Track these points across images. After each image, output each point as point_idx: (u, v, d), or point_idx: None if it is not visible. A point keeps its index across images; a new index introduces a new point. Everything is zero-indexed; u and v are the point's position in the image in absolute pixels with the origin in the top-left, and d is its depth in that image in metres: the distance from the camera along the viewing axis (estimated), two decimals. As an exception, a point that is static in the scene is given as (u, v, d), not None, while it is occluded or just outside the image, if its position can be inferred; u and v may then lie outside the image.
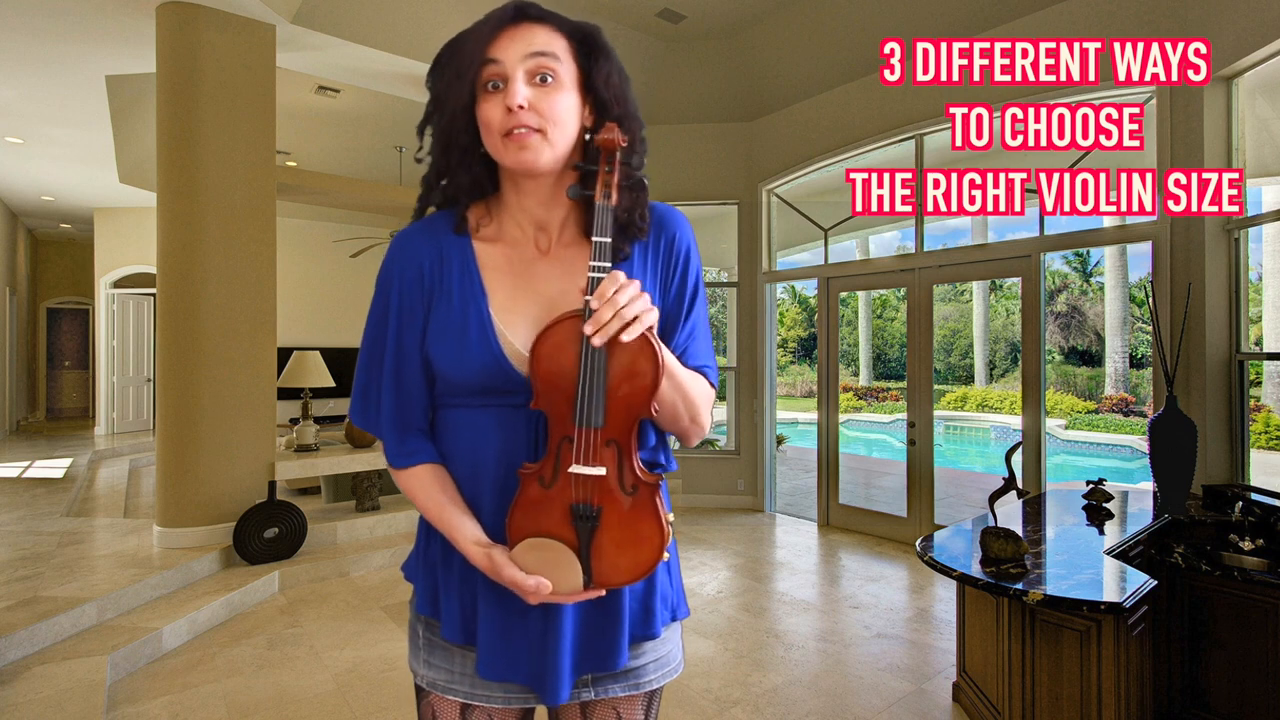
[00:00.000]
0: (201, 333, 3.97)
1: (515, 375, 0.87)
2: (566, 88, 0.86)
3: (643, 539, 0.82)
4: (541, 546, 0.81)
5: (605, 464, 0.81)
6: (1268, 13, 2.96)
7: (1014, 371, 19.79)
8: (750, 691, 2.76)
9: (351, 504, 4.96)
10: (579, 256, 0.93)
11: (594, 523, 0.81)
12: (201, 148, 3.98)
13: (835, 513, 5.45)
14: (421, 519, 0.96)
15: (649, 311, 0.79)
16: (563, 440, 0.82)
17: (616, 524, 0.82)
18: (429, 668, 0.94)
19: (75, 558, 3.72)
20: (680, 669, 1.00)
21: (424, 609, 0.94)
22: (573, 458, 0.81)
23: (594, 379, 0.80)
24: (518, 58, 0.84)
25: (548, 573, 0.81)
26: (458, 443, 0.91)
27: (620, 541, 0.82)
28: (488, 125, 0.86)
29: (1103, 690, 1.94)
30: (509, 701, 0.92)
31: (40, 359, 11.67)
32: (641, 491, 0.83)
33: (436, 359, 0.89)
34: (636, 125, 0.92)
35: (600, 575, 0.82)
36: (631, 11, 5.16)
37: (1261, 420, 9.84)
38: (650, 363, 0.81)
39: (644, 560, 0.82)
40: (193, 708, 2.59)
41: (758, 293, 6.04)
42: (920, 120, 4.72)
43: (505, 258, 0.93)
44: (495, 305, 0.90)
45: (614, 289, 0.77)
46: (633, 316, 0.77)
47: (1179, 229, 3.46)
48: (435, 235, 0.94)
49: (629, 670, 0.93)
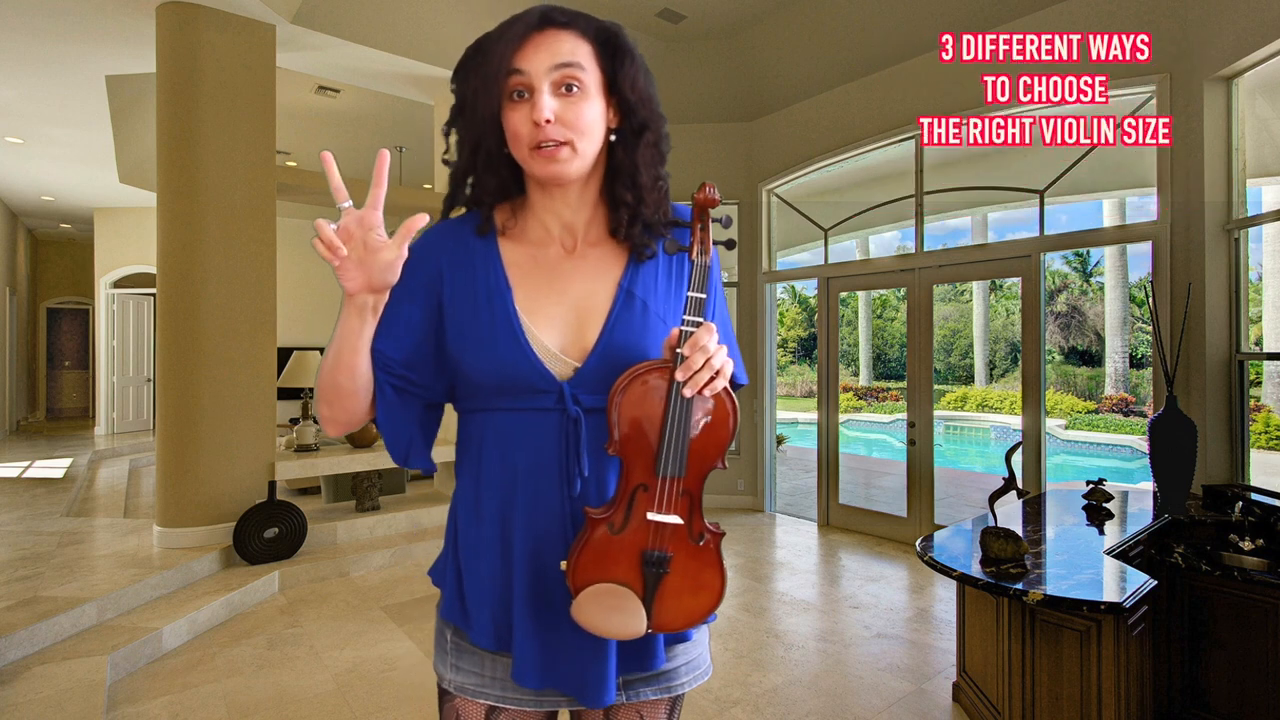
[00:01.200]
0: (201, 333, 3.97)
1: (544, 371, 0.86)
2: (592, 96, 0.86)
3: (705, 586, 0.84)
4: (609, 593, 0.81)
5: (681, 514, 0.83)
6: (1268, 13, 2.96)
7: (1014, 371, 19.78)
8: (750, 691, 2.76)
9: (351, 504, 4.96)
10: (604, 257, 0.93)
11: (663, 570, 0.82)
12: (201, 148, 3.98)
13: (835, 513, 5.45)
14: (449, 524, 0.95)
15: (729, 364, 0.81)
16: (637, 488, 0.83)
17: (683, 572, 0.83)
18: (457, 672, 0.92)
19: (75, 558, 3.72)
20: (710, 672, 0.99)
21: (452, 616, 0.92)
22: (651, 505, 0.82)
23: (680, 429, 0.81)
24: (544, 69, 0.83)
25: (612, 617, 0.81)
26: (489, 446, 0.89)
27: (683, 589, 0.83)
28: (515, 136, 0.85)
29: (1103, 690, 1.94)
30: (541, 705, 0.90)
31: (40, 359, 11.67)
32: (709, 541, 0.85)
33: (462, 357, 0.88)
34: (660, 123, 0.93)
35: (660, 620, 0.83)
36: (631, 11, 5.16)
37: (1261, 420, 9.84)
38: (729, 415, 0.84)
39: (703, 607, 0.84)
40: (193, 708, 2.59)
41: (758, 293, 6.04)
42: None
43: (531, 257, 0.93)
44: (521, 303, 0.89)
45: (708, 339, 0.79)
46: (718, 369, 0.79)
47: (1179, 229, 3.46)
48: (459, 235, 0.93)
49: (663, 673, 0.93)
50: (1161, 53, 3.54)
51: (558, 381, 0.86)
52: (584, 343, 0.89)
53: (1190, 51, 3.41)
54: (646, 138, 0.91)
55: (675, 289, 0.94)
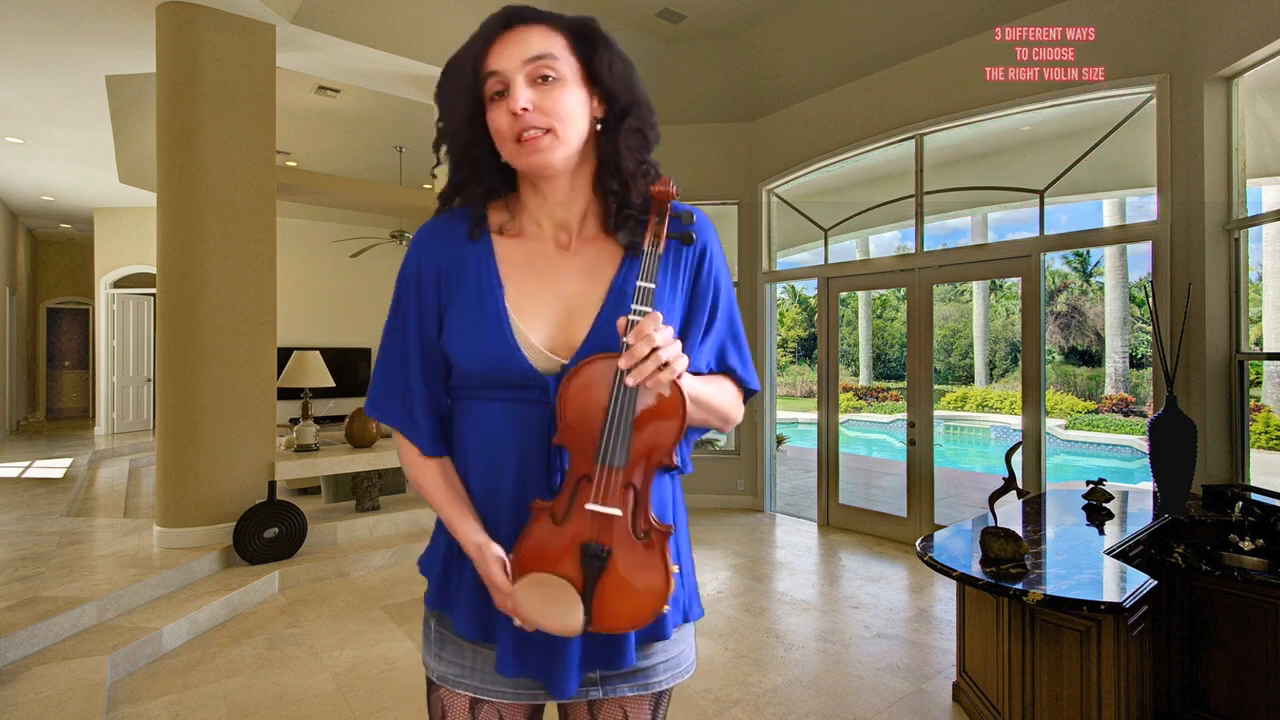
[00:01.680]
0: (201, 333, 3.97)
1: (529, 369, 0.87)
2: (570, 83, 0.87)
3: (647, 588, 0.82)
4: (545, 582, 0.80)
5: (621, 507, 0.82)
6: (1268, 13, 2.96)
7: (1014, 371, 19.78)
8: (750, 691, 2.75)
9: (351, 504, 4.96)
10: (599, 254, 0.94)
11: (602, 564, 0.81)
12: (201, 148, 3.98)
13: (835, 513, 5.45)
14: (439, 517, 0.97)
15: (681, 359, 0.79)
16: (581, 479, 0.83)
17: (624, 568, 0.81)
18: (440, 662, 0.95)
19: (75, 558, 3.72)
20: (692, 670, 0.99)
21: (437, 604, 0.95)
22: (591, 496, 0.81)
23: (621, 418, 0.80)
24: (516, 64, 0.85)
25: (548, 609, 0.80)
26: (474, 431, 0.91)
27: (624, 588, 0.82)
28: (500, 133, 0.87)
29: (1103, 690, 1.94)
30: (519, 697, 0.92)
31: (40, 359, 11.66)
32: (653, 539, 0.83)
33: (452, 350, 0.90)
34: (647, 113, 0.93)
35: (599, 618, 0.81)
36: (631, 11, 5.16)
37: (1261, 420, 9.84)
38: (676, 410, 0.82)
39: (645, 609, 0.82)
40: (193, 708, 2.59)
41: (758, 293, 6.04)
42: (920, 120, 4.72)
43: (525, 254, 0.94)
44: (512, 300, 0.90)
45: (653, 328, 0.77)
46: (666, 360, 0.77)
47: (1179, 229, 3.46)
48: (456, 232, 0.95)
49: (639, 670, 0.93)
50: (1161, 53, 3.54)
51: (543, 376, 0.87)
52: (572, 340, 0.89)
53: (1190, 51, 3.41)
54: (629, 123, 0.91)
55: (673, 289, 0.94)
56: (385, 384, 0.95)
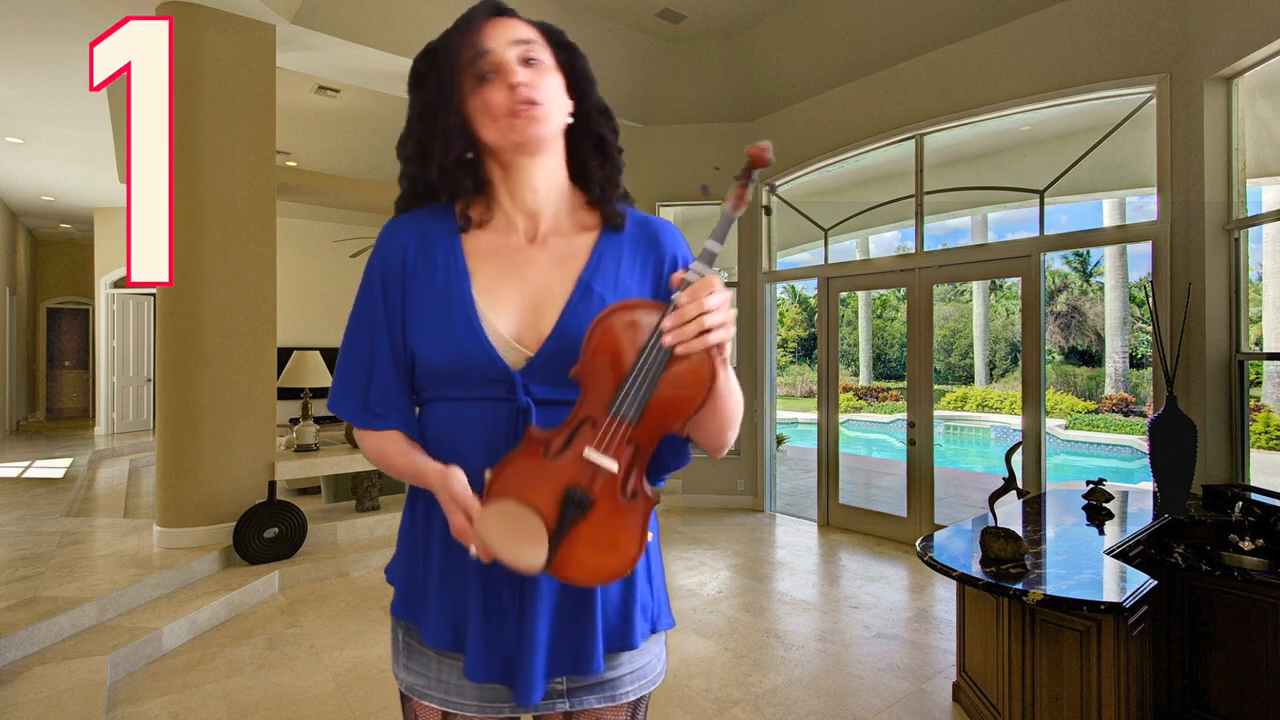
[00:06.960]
0: (201, 333, 3.97)
1: (498, 360, 0.86)
2: (551, 71, 0.91)
3: (618, 548, 0.78)
4: (515, 515, 0.76)
5: (619, 460, 0.78)
6: (1268, 13, 2.96)
7: (1014, 371, 19.78)
8: (750, 691, 2.76)
9: (351, 504, 4.96)
10: (568, 246, 0.93)
11: (581, 513, 0.77)
12: (201, 148, 3.98)
13: (835, 513, 5.45)
14: (403, 523, 0.96)
15: (726, 327, 0.76)
16: (585, 420, 0.79)
17: (602, 523, 0.78)
18: (408, 672, 0.93)
19: (75, 558, 3.72)
20: (660, 679, 0.98)
21: (402, 613, 0.93)
22: (592, 442, 0.78)
23: (648, 374, 0.77)
24: (506, 44, 0.88)
25: (512, 542, 0.76)
26: (441, 435, 0.89)
27: (596, 542, 0.78)
28: (492, 110, 0.87)
29: (1103, 690, 1.94)
30: (483, 710, 0.90)
31: (40, 359, 11.66)
32: (638, 501, 0.80)
33: (417, 343, 0.89)
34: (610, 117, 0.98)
35: (561, 565, 0.77)
36: (631, 11, 5.16)
37: (1261, 420, 9.84)
38: (705, 381, 0.78)
39: (610, 568, 0.78)
40: (193, 708, 2.59)
41: (758, 293, 6.04)
42: (920, 120, 4.72)
43: (492, 244, 0.93)
44: (479, 289, 0.89)
45: (707, 292, 0.74)
46: (711, 326, 0.74)
47: (1179, 229, 3.46)
48: (423, 223, 0.95)
49: (606, 681, 0.91)
50: (1161, 53, 3.54)
51: (510, 371, 0.86)
52: (539, 331, 0.88)
53: (1190, 51, 3.41)
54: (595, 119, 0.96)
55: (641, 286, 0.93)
56: (345, 377, 0.93)
